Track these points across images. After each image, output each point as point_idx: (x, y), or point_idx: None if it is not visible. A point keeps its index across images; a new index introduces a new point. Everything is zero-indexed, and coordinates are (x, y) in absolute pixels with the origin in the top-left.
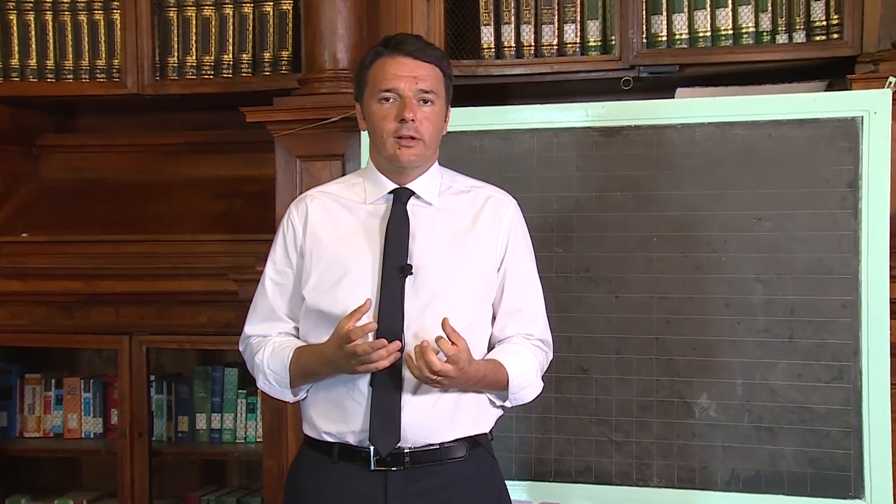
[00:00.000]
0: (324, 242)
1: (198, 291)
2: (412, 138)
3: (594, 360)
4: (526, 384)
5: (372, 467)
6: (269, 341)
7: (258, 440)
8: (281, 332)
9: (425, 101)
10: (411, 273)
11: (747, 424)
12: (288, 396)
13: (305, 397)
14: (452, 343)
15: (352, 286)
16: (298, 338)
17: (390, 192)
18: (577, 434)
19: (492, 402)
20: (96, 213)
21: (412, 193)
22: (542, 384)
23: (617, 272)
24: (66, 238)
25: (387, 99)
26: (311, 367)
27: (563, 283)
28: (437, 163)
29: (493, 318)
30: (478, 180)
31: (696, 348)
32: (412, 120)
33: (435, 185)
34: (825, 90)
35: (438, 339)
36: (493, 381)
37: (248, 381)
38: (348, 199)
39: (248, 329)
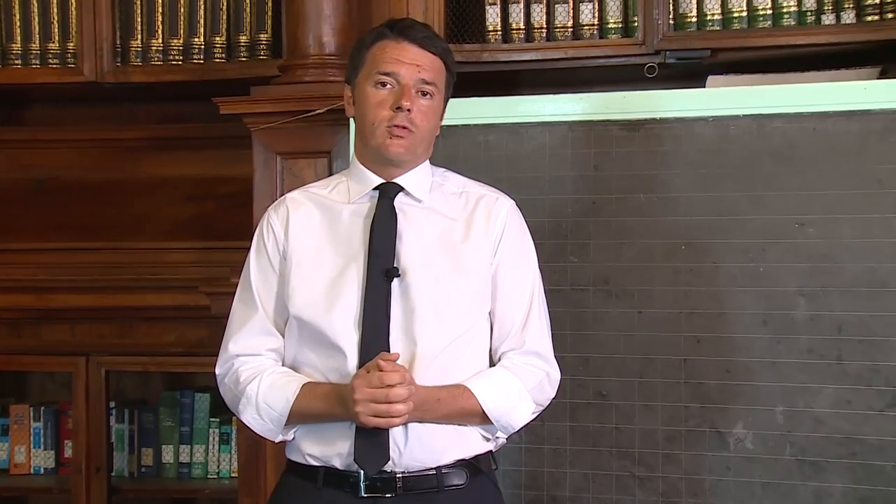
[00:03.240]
0: (306, 248)
1: (164, 307)
2: (405, 128)
3: (614, 384)
4: (508, 408)
5: (362, 494)
6: (266, 371)
7: (233, 475)
8: (271, 351)
9: (424, 94)
10: (398, 276)
11: (789, 458)
12: (274, 435)
13: (293, 438)
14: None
15: (337, 295)
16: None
17: (376, 188)
18: (595, 468)
19: (483, 437)
20: (48, 218)
21: (400, 189)
22: (533, 406)
23: (640, 285)
24: (14, 246)
25: (384, 84)
26: (322, 407)
27: (580, 297)
28: (427, 161)
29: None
30: (472, 180)
31: (729, 371)
32: (408, 110)
33: (425, 182)
34: (878, 78)
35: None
36: (459, 408)
37: (221, 408)
38: (331, 199)
39: (234, 346)
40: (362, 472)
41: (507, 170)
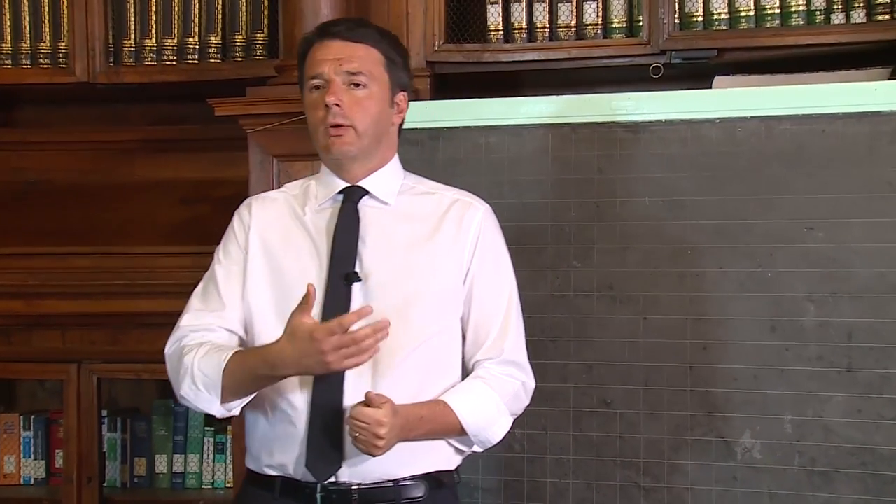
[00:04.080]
0: (269, 250)
1: (158, 313)
2: (341, 126)
3: (619, 392)
4: (486, 423)
5: None
6: (206, 343)
7: (227, 485)
8: (224, 329)
9: (357, 85)
10: (358, 280)
11: (798, 468)
12: (216, 408)
13: (238, 414)
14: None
15: (297, 297)
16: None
17: (340, 192)
18: (599, 478)
19: (457, 450)
20: (39, 221)
21: (365, 192)
22: (510, 419)
23: (645, 290)
24: (3, 251)
25: (316, 87)
26: (256, 370)
27: (583, 303)
28: (396, 160)
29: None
30: (447, 185)
31: (737, 379)
32: (337, 105)
33: (393, 184)
34: (888, 78)
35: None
36: (440, 425)
37: (216, 418)
38: (300, 202)
39: (186, 320)
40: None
41: (508, 172)
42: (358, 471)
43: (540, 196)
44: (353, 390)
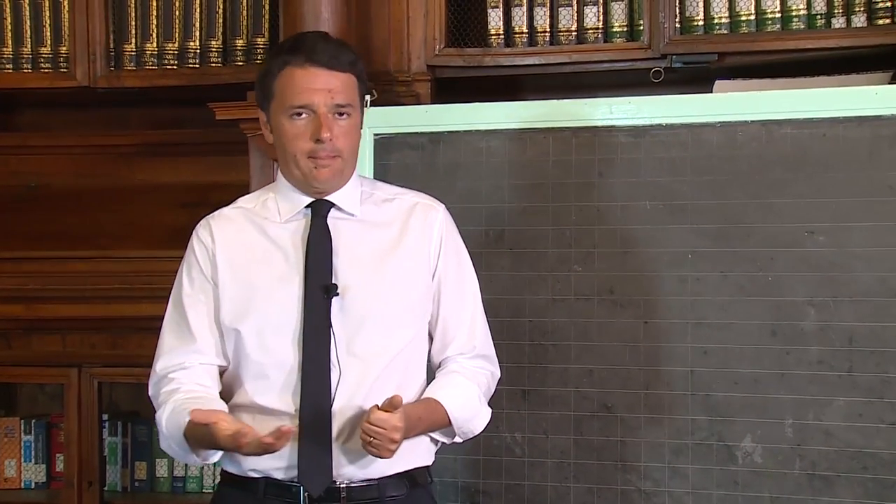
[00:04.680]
0: (238, 264)
1: (158, 317)
2: (330, 157)
3: (619, 396)
4: (470, 415)
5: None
6: (175, 396)
7: None
8: (203, 364)
9: (341, 115)
10: (337, 294)
11: (798, 472)
12: (192, 459)
13: (218, 460)
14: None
15: (275, 313)
16: (227, 367)
17: (307, 206)
18: (600, 482)
19: (434, 441)
20: (38, 225)
21: (332, 205)
22: (489, 410)
23: (646, 294)
24: (3, 254)
25: (299, 114)
26: (205, 440)
27: (584, 307)
28: (355, 172)
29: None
30: (400, 187)
31: (738, 383)
32: (330, 140)
33: (355, 195)
34: (889, 82)
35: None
36: (432, 422)
37: None
38: (261, 216)
39: (160, 365)
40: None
41: (509, 177)
42: (345, 472)
43: (541, 200)
44: (341, 396)
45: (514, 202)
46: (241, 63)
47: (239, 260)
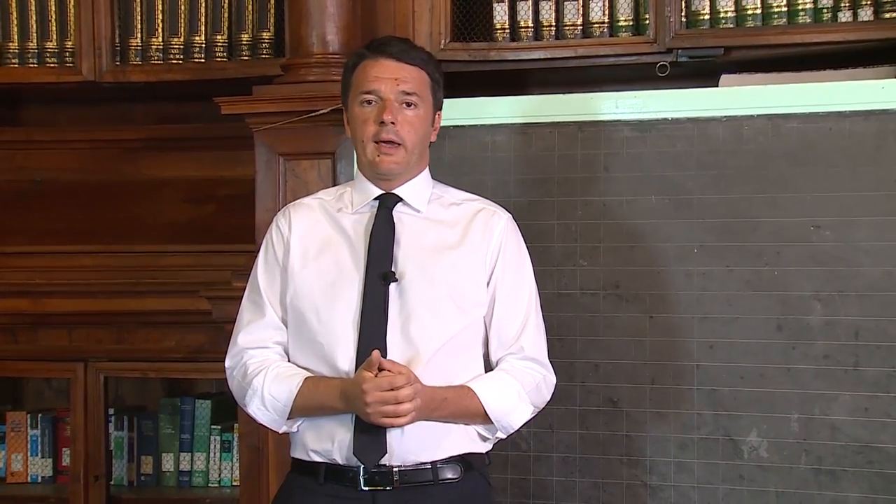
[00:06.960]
0: (309, 250)
1: (164, 311)
2: (392, 143)
3: (625, 390)
4: (508, 409)
5: (361, 487)
6: (272, 365)
7: (234, 483)
8: (278, 344)
9: (408, 105)
10: (395, 280)
11: (804, 467)
12: (278, 426)
13: (297, 431)
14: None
15: (336, 296)
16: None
17: (376, 199)
18: (606, 477)
19: (482, 437)
20: (44, 220)
21: (399, 199)
22: (531, 407)
23: (651, 289)
24: (9, 249)
25: (368, 102)
26: (325, 400)
27: (589, 302)
28: (427, 171)
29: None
30: (472, 194)
31: (743, 377)
32: (392, 123)
33: (424, 193)
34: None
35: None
36: (463, 407)
37: (222, 415)
38: (336, 207)
39: (243, 340)
40: (362, 466)
41: (514, 171)
42: (398, 454)
43: (546, 194)
44: None
45: (520, 196)
46: (246, 58)
47: (310, 246)
